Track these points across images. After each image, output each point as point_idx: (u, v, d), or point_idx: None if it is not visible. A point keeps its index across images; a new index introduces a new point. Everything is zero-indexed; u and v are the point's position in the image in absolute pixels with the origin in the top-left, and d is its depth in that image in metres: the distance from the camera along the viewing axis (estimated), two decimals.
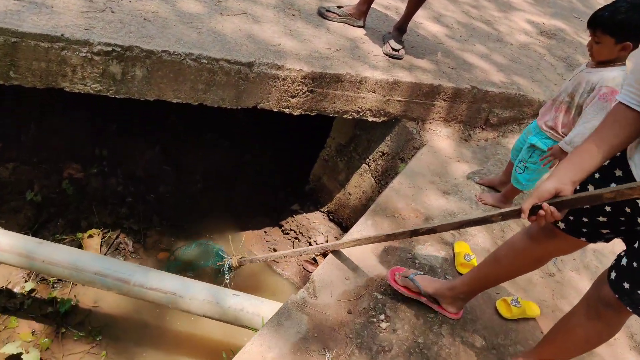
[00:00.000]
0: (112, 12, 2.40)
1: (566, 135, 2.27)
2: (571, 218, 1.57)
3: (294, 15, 3.14)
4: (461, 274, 2.33)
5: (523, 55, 4.23)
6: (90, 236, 3.07)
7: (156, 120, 4.17)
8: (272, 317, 1.91)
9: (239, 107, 2.69)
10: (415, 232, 1.97)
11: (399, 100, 3.09)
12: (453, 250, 2.46)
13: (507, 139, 3.53)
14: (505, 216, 1.56)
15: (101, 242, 3.12)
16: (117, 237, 3.21)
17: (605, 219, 1.50)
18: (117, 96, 2.39)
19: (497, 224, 2.72)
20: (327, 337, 1.89)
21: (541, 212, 1.38)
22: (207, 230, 3.70)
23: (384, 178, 3.37)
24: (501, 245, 1.85)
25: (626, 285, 1.42)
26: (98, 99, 2.39)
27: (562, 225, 1.60)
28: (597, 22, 2.01)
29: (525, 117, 3.67)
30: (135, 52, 2.26)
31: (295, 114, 2.88)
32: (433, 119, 3.33)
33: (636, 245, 1.42)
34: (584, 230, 1.57)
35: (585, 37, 4.39)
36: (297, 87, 2.73)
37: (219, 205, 3.91)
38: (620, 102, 1.38)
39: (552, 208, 1.36)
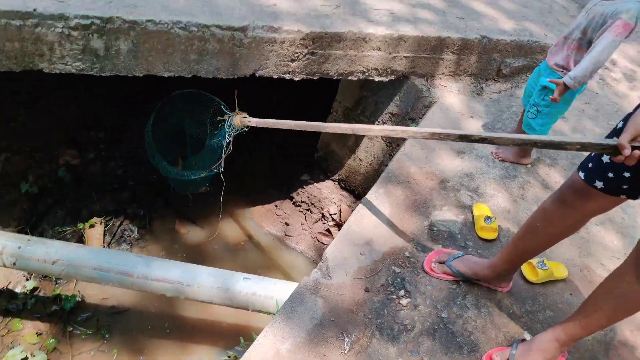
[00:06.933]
0: None
1: None
2: (610, 175, 1.39)
3: None
4: (482, 239, 2.18)
5: None
6: (92, 226, 2.94)
7: (154, 94, 3.99)
8: (284, 304, 1.78)
9: (236, 77, 2.51)
10: (466, 138, 1.59)
11: (405, 57, 2.88)
12: (472, 213, 2.30)
13: (521, 89, 3.31)
14: (585, 147, 1.30)
15: (104, 231, 2.98)
16: (120, 224, 3.07)
17: None
18: (102, 74, 2.22)
19: (516, 182, 2.55)
20: (345, 320, 1.76)
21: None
22: (216, 207, 3.56)
23: (395, 140, 3.19)
24: (533, 215, 1.68)
25: None
26: (89, 77, 2.22)
27: (599, 184, 1.43)
28: None
29: (538, 64, 3.42)
30: (117, 23, 2.08)
31: (296, 79, 2.69)
32: (442, 74, 3.12)
33: None
34: (625, 187, 1.40)
35: None
36: (296, 50, 2.53)
37: (225, 181, 3.75)
38: None
39: None
